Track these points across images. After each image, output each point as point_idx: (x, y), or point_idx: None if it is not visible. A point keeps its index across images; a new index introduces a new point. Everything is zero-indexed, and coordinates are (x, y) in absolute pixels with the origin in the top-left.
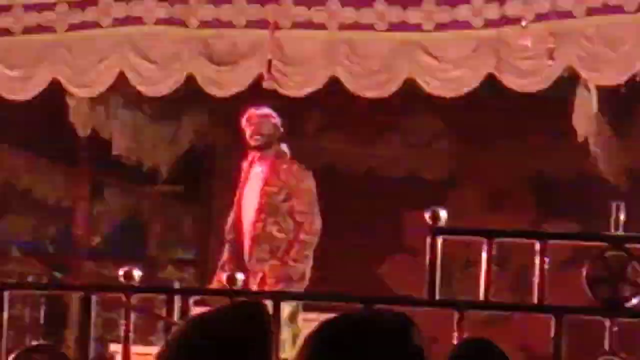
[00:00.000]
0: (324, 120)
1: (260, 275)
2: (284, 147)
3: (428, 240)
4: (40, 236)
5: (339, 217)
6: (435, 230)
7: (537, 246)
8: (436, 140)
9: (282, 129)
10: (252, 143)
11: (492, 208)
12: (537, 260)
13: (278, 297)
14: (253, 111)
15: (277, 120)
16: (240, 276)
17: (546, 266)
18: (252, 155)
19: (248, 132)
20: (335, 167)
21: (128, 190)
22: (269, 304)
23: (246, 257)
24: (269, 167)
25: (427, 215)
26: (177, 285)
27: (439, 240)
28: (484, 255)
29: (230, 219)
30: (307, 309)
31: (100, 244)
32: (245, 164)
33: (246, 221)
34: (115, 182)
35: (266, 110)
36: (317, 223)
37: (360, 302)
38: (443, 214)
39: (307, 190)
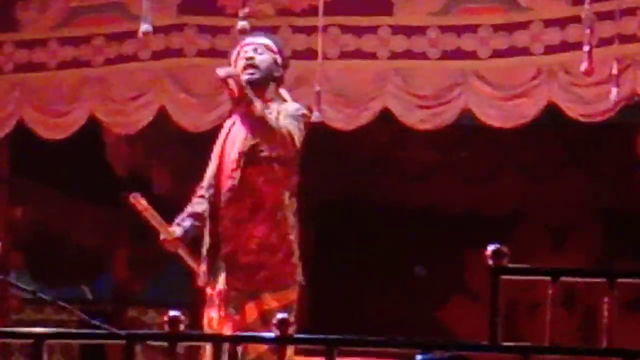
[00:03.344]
0: (376, 155)
1: (234, 242)
2: (284, 92)
3: (489, 280)
4: (78, 282)
5: (395, 256)
6: (497, 270)
7: (607, 285)
8: (496, 174)
9: (282, 70)
10: (244, 77)
11: (557, 245)
12: (605, 301)
13: (332, 343)
14: (250, 39)
15: (278, 55)
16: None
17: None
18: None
19: (240, 63)
20: (390, 204)
21: None
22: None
23: (220, 220)
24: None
25: (488, 254)
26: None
27: (501, 281)
28: (550, 297)
29: (207, 175)
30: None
31: (143, 290)
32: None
33: (226, 175)
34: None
35: (267, 38)
36: (295, 136)
37: (418, 348)
38: (505, 252)
39: (294, 117)
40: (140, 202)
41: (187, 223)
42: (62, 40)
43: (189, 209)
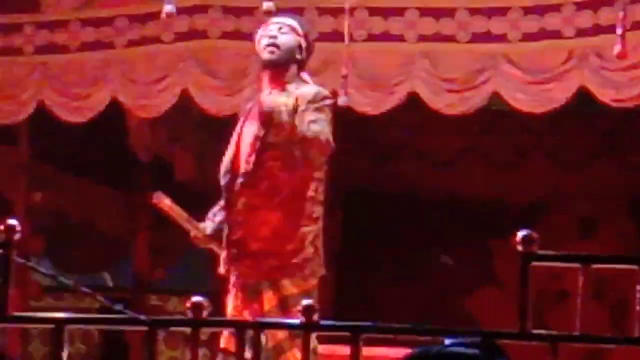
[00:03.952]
0: (401, 142)
1: (245, 228)
2: (306, 76)
3: (519, 267)
4: (99, 269)
5: (421, 245)
6: (527, 257)
7: (638, 273)
8: (524, 161)
9: (306, 54)
10: (265, 56)
11: (585, 235)
12: (638, 289)
13: (358, 330)
14: (277, 18)
15: (303, 39)
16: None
17: None
18: (263, 80)
19: (263, 42)
20: (413, 191)
21: (194, 219)
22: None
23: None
24: (277, 88)
25: (517, 240)
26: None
27: (531, 267)
28: (580, 284)
29: (225, 160)
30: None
31: (164, 277)
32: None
33: (242, 160)
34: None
35: (294, 20)
36: (323, 138)
37: (445, 335)
38: (535, 238)
39: (318, 108)
40: (164, 202)
41: (219, 218)
42: (84, 21)
43: (221, 201)
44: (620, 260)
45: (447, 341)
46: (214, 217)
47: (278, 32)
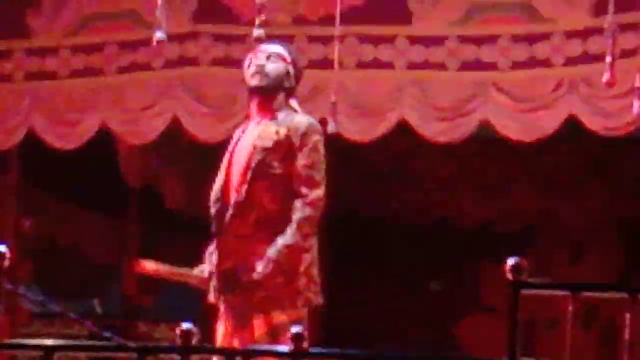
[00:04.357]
0: (391, 167)
1: (235, 258)
2: (295, 103)
3: (508, 295)
4: (88, 296)
5: (408, 271)
6: (517, 284)
7: (628, 301)
8: (513, 187)
9: (295, 81)
10: (252, 83)
11: (574, 260)
12: (627, 316)
13: (346, 357)
14: (264, 46)
15: (291, 66)
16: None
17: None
18: (251, 109)
19: (250, 70)
20: (402, 216)
21: (183, 247)
22: None
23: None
24: (266, 117)
25: (507, 268)
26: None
27: (521, 295)
28: (570, 312)
29: (215, 189)
30: None
31: (153, 305)
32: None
33: (232, 188)
34: (169, 238)
35: (281, 47)
36: (320, 193)
37: None
38: (524, 266)
39: (312, 147)
40: (146, 267)
41: (215, 257)
42: (74, 48)
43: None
44: (611, 287)
45: None
46: (211, 258)
47: (266, 61)
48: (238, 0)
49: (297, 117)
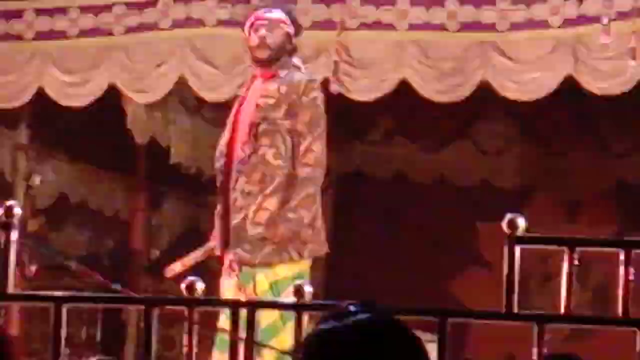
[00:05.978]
0: (392, 126)
1: (243, 214)
2: (297, 60)
3: (505, 250)
4: (97, 249)
5: (408, 228)
6: (513, 240)
7: (622, 256)
8: (510, 146)
9: (294, 41)
10: (258, 56)
11: (569, 219)
12: (621, 271)
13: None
14: (260, 14)
15: (290, 27)
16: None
17: (631, 277)
18: (256, 71)
19: (253, 41)
20: (405, 175)
21: (187, 201)
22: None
23: (230, 191)
24: (269, 78)
25: (503, 224)
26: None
27: (517, 250)
28: (565, 266)
29: (220, 144)
30: None
31: (159, 257)
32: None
33: (238, 146)
34: (174, 192)
35: (277, 13)
36: (320, 150)
37: (434, 316)
38: (521, 221)
39: (310, 104)
40: (176, 270)
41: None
42: (83, 8)
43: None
44: (605, 243)
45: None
46: (219, 215)
47: (267, 31)
48: None
49: (298, 75)
